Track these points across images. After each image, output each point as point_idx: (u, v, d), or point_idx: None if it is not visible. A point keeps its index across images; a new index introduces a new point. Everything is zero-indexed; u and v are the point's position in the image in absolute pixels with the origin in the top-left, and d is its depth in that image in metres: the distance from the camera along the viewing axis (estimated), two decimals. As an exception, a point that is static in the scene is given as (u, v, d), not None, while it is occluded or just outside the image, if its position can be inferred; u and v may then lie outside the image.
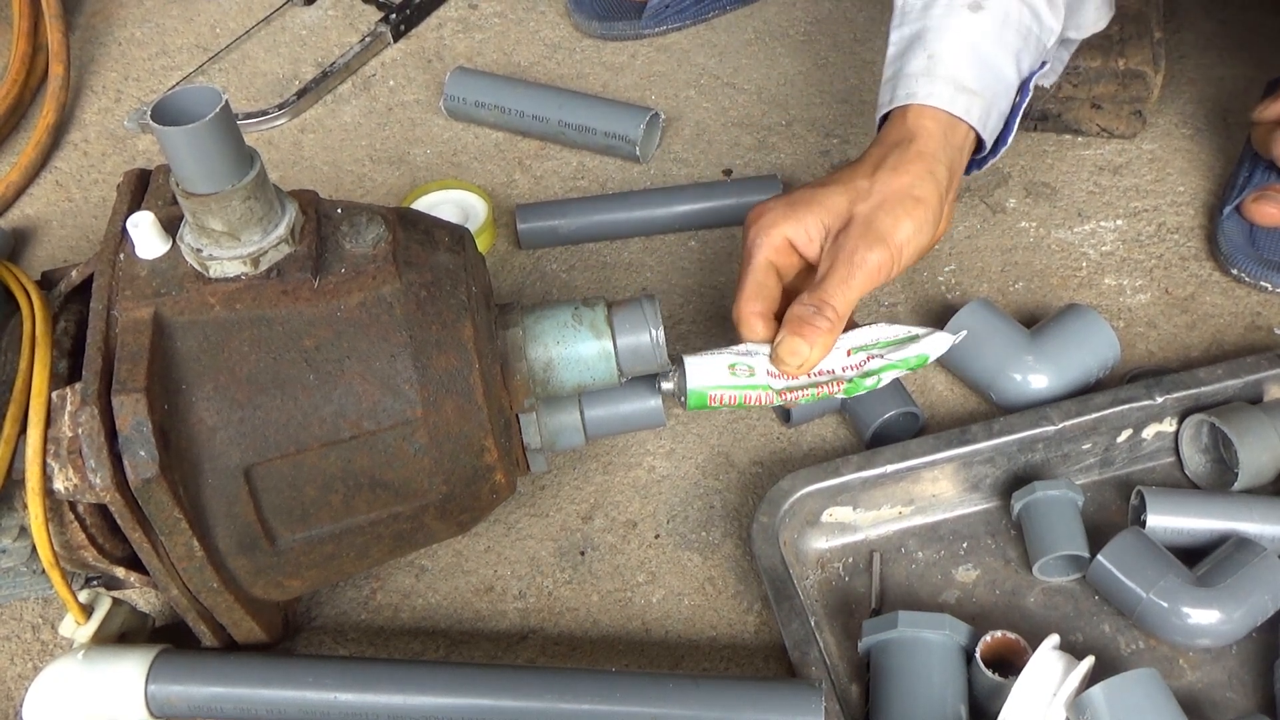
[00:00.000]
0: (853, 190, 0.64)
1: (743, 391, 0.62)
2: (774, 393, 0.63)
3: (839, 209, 0.64)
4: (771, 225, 0.64)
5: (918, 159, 0.64)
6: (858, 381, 0.63)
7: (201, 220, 0.53)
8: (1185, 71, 0.98)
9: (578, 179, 0.95)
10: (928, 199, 0.63)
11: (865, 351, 0.64)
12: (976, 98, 0.66)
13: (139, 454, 0.51)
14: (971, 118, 0.66)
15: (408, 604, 0.70)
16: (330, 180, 0.97)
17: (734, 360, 0.63)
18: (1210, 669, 0.63)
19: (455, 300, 0.57)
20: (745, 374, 0.62)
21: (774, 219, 0.65)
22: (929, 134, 0.65)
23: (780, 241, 0.64)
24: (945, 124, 0.66)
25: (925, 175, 0.64)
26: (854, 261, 0.62)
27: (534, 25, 1.09)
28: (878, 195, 0.63)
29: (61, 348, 0.58)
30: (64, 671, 0.60)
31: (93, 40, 1.11)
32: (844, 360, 0.63)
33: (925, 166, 0.64)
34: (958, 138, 0.66)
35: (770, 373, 0.63)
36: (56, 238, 0.95)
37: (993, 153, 0.71)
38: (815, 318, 0.61)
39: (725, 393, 0.62)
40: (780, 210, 0.65)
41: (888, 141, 0.66)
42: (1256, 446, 0.67)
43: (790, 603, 0.63)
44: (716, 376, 0.62)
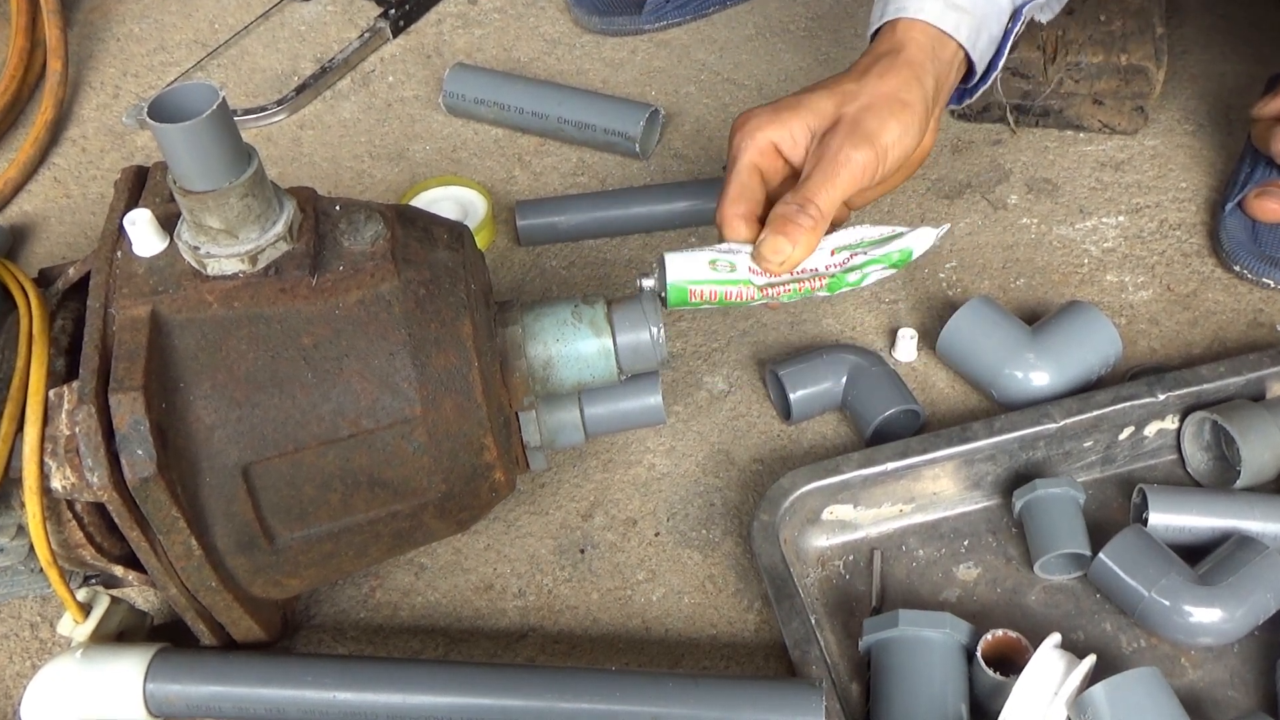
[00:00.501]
0: (839, 93, 0.64)
1: (724, 287, 0.61)
2: (755, 288, 0.62)
3: (825, 111, 0.64)
4: (756, 129, 0.65)
5: (905, 66, 0.65)
6: (840, 277, 0.62)
7: (199, 218, 0.53)
8: (1187, 67, 0.98)
9: (577, 175, 0.95)
10: (913, 104, 0.64)
11: (849, 250, 0.63)
12: (966, 15, 0.67)
13: (136, 453, 0.51)
14: (960, 35, 0.67)
15: (407, 602, 0.70)
16: (329, 177, 0.96)
17: (715, 256, 0.62)
18: (1212, 667, 0.63)
19: (454, 298, 0.57)
20: (726, 269, 0.61)
21: (759, 123, 0.65)
22: (917, 44, 0.66)
23: (765, 144, 0.65)
24: (933, 37, 0.66)
25: (912, 81, 0.64)
26: (838, 160, 0.62)
27: (533, 21, 1.09)
28: (864, 98, 0.64)
29: (59, 345, 0.57)
30: (62, 670, 0.60)
31: (91, 36, 1.11)
32: (827, 260, 0.63)
33: (912, 73, 0.65)
34: (946, 53, 0.67)
35: (752, 269, 0.62)
36: (54, 234, 0.94)
37: (982, 80, 0.72)
38: (799, 215, 0.61)
39: (706, 288, 0.61)
40: (766, 114, 0.65)
41: (876, 51, 0.67)
42: (1259, 444, 0.67)
43: (790, 601, 0.63)
44: (697, 271, 0.61)
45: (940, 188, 0.90)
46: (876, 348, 0.80)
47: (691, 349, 0.81)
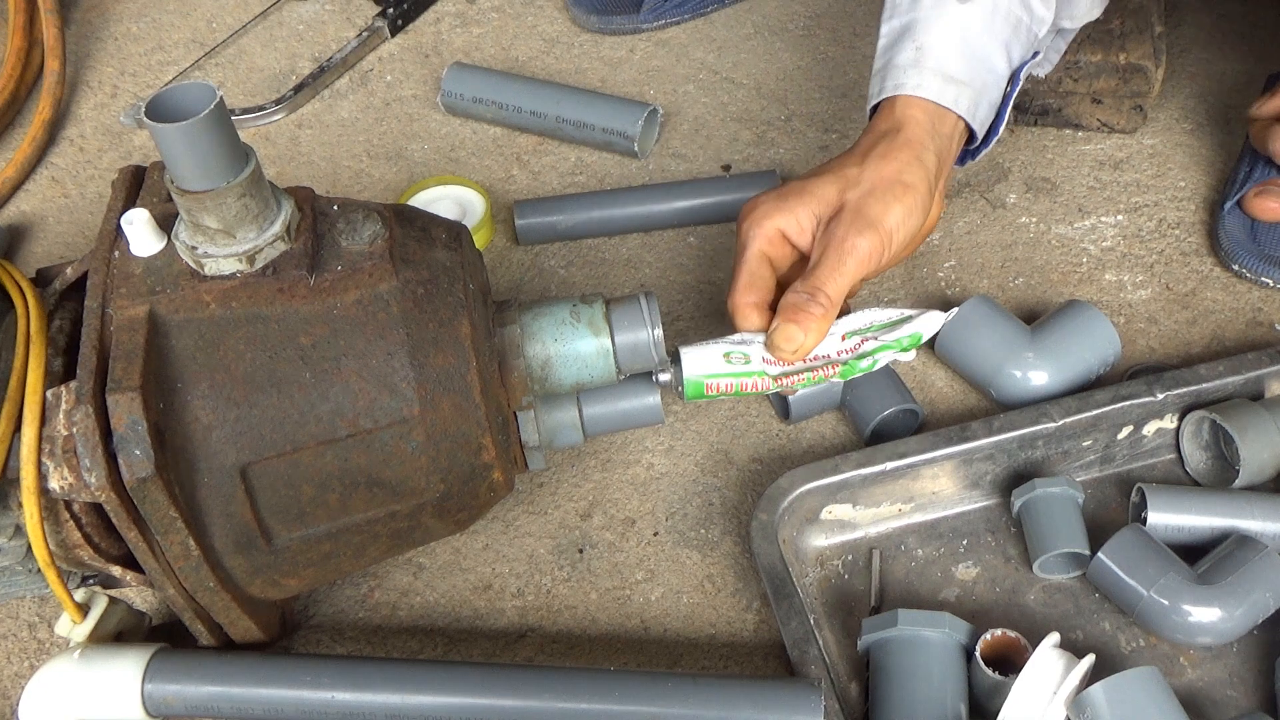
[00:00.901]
0: (842, 179, 0.65)
1: (739, 379, 0.63)
2: (770, 379, 0.63)
3: (829, 198, 0.65)
4: (764, 217, 0.65)
5: (905, 146, 0.65)
6: (853, 364, 0.64)
7: (196, 218, 0.53)
8: (1186, 66, 0.98)
9: (576, 175, 0.94)
10: (916, 185, 0.64)
11: (859, 335, 0.64)
12: (965, 88, 0.67)
13: (134, 453, 0.50)
14: (960, 108, 0.67)
15: (405, 602, 0.70)
16: (327, 176, 0.96)
17: (729, 349, 0.63)
18: (1211, 667, 0.63)
19: (452, 298, 0.57)
20: (741, 361, 0.63)
21: (766, 211, 0.66)
22: (916, 123, 0.66)
23: (773, 233, 0.65)
24: (933, 113, 0.67)
25: (914, 162, 0.65)
26: (845, 248, 0.63)
27: (532, 20, 1.09)
28: (867, 183, 0.64)
29: (56, 346, 0.57)
30: (60, 670, 0.60)
31: (89, 35, 1.11)
32: (838, 345, 0.64)
33: (913, 153, 0.65)
34: (946, 127, 0.67)
35: (766, 359, 0.63)
36: (52, 234, 0.94)
37: (984, 143, 0.72)
38: (809, 304, 0.62)
39: (721, 381, 0.63)
40: (772, 202, 0.66)
41: (876, 131, 0.67)
42: (1257, 443, 0.67)
43: (789, 601, 0.63)
44: (712, 365, 0.63)
45: (939, 187, 0.90)
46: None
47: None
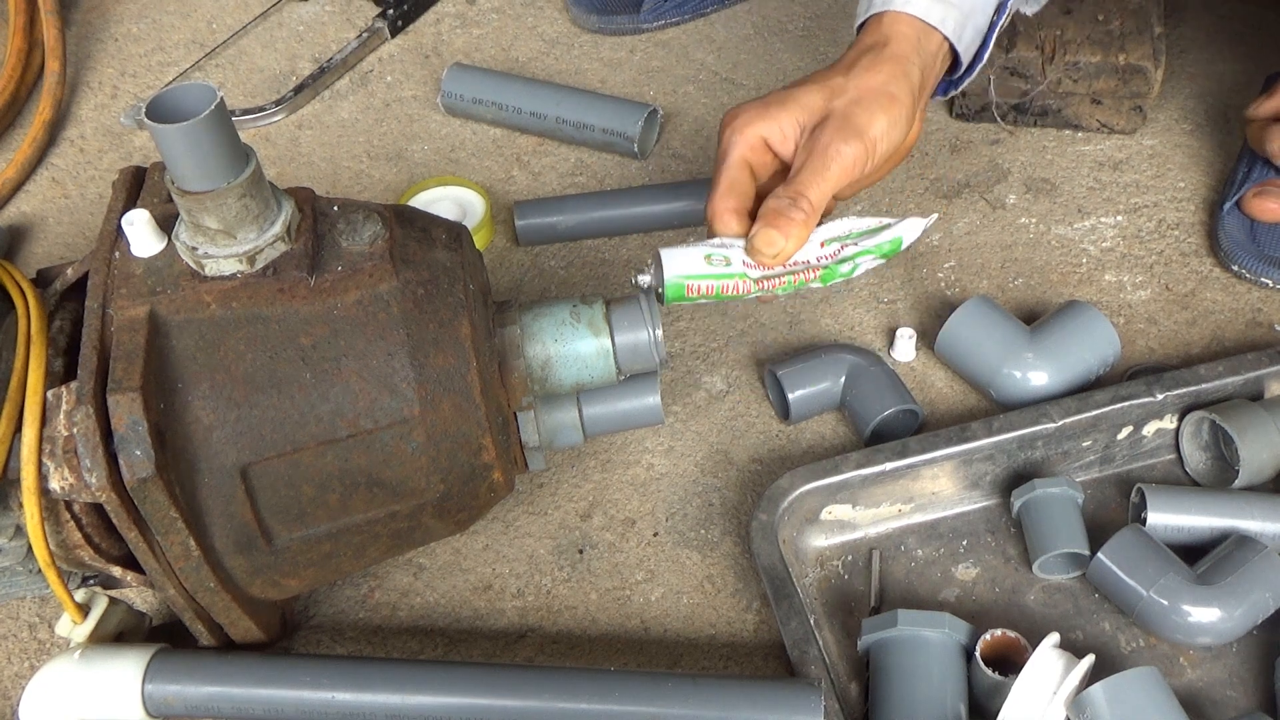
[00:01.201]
0: (828, 88, 0.65)
1: (720, 281, 0.62)
2: (751, 281, 0.62)
3: (814, 106, 0.65)
4: (747, 124, 0.65)
5: (891, 60, 0.66)
6: (833, 268, 0.63)
7: (197, 218, 0.53)
8: (1185, 67, 0.98)
9: (576, 175, 0.94)
10: (901, 97, 0.65)
11: (839, 242, 0.64)
12: (952, 8, 0.67)
13: (134, 453, 0.50)
14: (946, 28, 0.67)
15: (405, 602, 0.70)
16: (327, 177, 0.96)
17: (709, 251, 0.62)
18: (1211, 667, 0.63)
19: (452, 298, 0.57)
20: (722, 264, 0.62)
21: (749, 118, 0.65)
22: (903, 37, 0.66)
23: (755, 139, 0.65)
24: (920, 30, 0.67)
25: (899, 75, 0.65)
26: (829, 154, 0.63)
27: (532, 21, 1.09)
28: (853, 91, 0.64)
29: (57, 346, 0.57)
30: (61, 671, 0.60)
31: (89, 36, 1.11)
32: (818, 251, 0.63)
33: (899, 67, 0.65)
34: (931, 45, 0.68)
35: (746, 263, 0.62)
36: (53, 235, 0.94)
37: (967, 72, 0.72)
38: (790, 209, 0.61)
39: (702, 283, 0.62)
40: (755, 109, 0.65)
41: (862, 44, 0.67)
42: (1257, 444, 0.67)
43: (789, 601, 0.63)
44: (693, 266, 0.62)
45: (938, 187, 0.90)
46: (875, 347, 0.80)
47: (690, 349, 0.81)
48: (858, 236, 0.64)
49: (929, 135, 0.94)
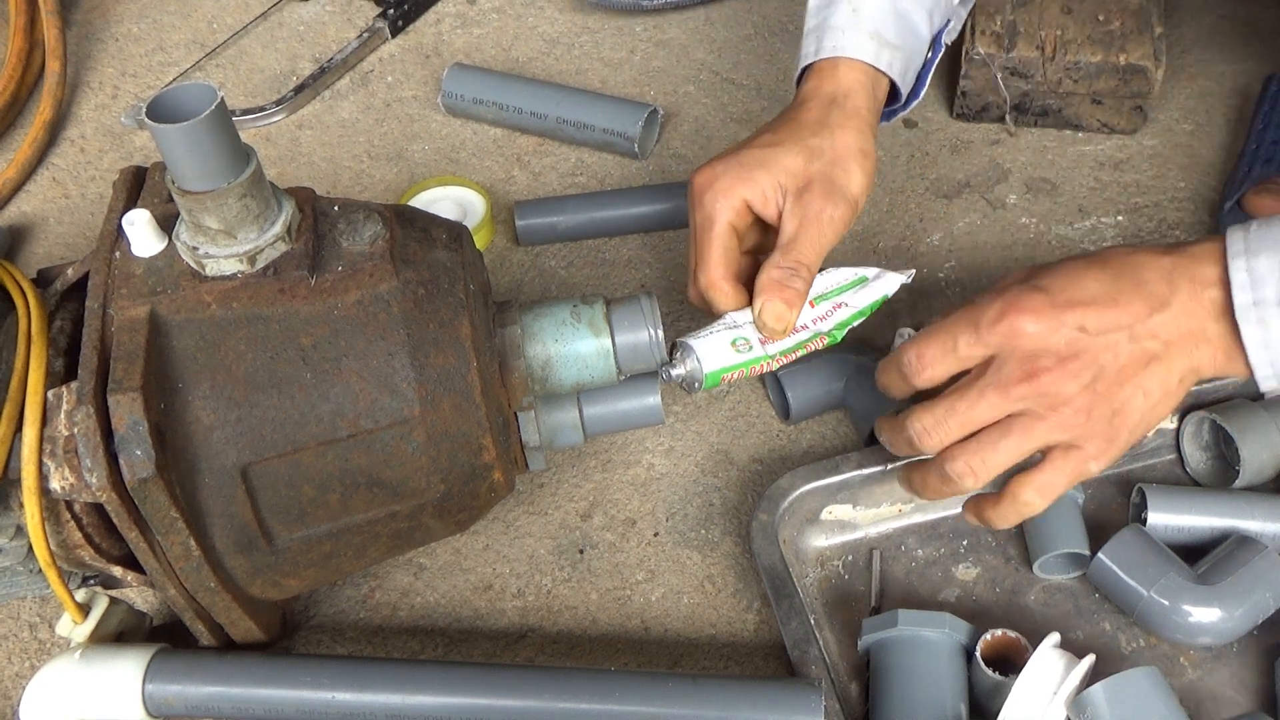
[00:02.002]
0: (806, 149, 0.65)
1: (749, 367, 0.64)
2: (771, 360, 0.64)
3: (795, 169, 0.65)
4: (729, 189, 0.65)
5: (856, 115, 0.67)
6: (834, 334, 0.65)
7: (197, 218, 0.53)
8: (1186, 66, 0.98)
9: (576, 175, 0.94)
10: (870, 152, 0.66)
11: (828, 301, 0.65)
12: (898, 52, 0.69)
13: (135, 453, 0.50)
14: (894, 72, 0.69)
15: (406, 602, 0.70)
16: (328, 177, 0.96)
17: (731, 336, 0.64)
18: (1211, 667, 0.63)
19: (453, 298, 0.57)
20: (745, 348, 0.64)
21: (730, 183, 0.65)
22: (860, 88, 0.68)
23: (739, 204, 0.65)
24: (871, 78, 0.68)
25: (866, 129, 0.67)
26: (822, 220, 0.63)
27: (532, 21, 1.09)
28: (829, 153, 0.65)
29: (57, 346, 0.57)
30: (61, 671, 0.60)
31: (89, 36, 1.11)
32: (810, 313, 0.65)
33: (864, 121, 0.67)
34: (881, 90, 0.69)
35: (761, 340, 0.64)
36: (53, 235, 0.94)
37: (904, 106, 0.74)
38: (792, 279, 0.62)
39: (735, 372, 0.63)
40: (734, 173, 0.65)
41: (821, 97, 0.68)
42: (1258, 444, 0.67)
43: (790, 601, 0.63)
44: (725, 357, 0.63)
45: (939, 187, 0.90)
46: (875, 347, 0.80)
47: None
48: (842, 292, 0.66)
49: (929, 135, 0.94)
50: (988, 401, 0.57)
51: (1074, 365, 0.56)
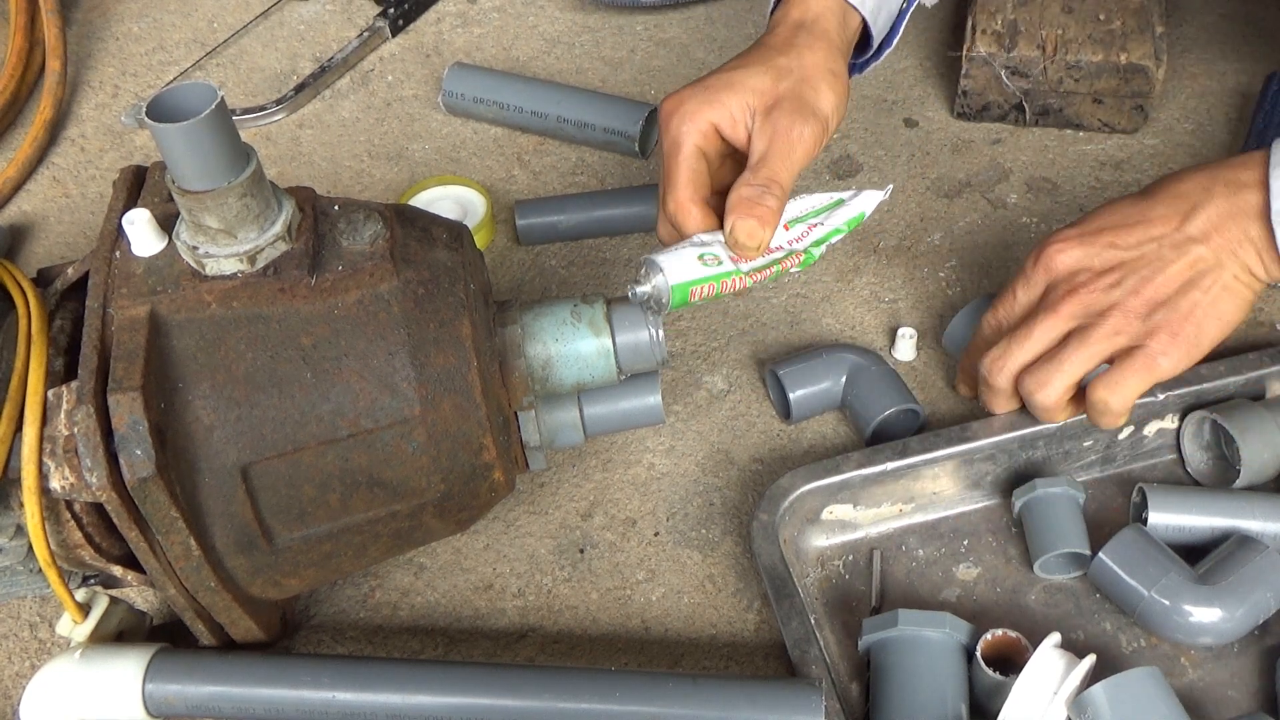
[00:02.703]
0: (773, 69, 0.65)
1: (718, 281, 0.61)
2: (743, 276, 0.62)
3: (763, 89, 0.65)
4: (696, 112, 0.64)
5: (824, 37, 0.67)
6: (810, 252, 0.64)
7: (197, 218, 0.53)
8: (1187, 66, 0.98)
9: (577, 175, 0.94)
10: (840, 73, 0.66)
11: (802, 223, 0.64)
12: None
13: (135, 453, 0.50)
14: (865, 9, 0.69)
15: (406, 602, 0.70)
16: (328, 176, 0.96)
17: (699, 251, 0.62)
18: (1212, 667, 0.63)
19: (453, 298, 0.57)
20: (714, 263, 0.61)
21: (696, 106, 0.64)
22: (829, 14, 0.68)
23: (707, 127, 0.65)
24: (840, 9, 0.68)
25: (835, 51, 0.67)
26: (792, 137, 0.63)
27: (533, 20, 1.09)
28: (798, 71, 0.65)
29: (57, 346, 0.57)
30: (61, 670, 0.60)
31: (90, 35, 1.11)
32: (783, 235, 0.63)
33: (832, 44, 0.67)
34: (851, 24, 0.69)
35: (732, 258, 0.62)
36: (53, 234, 0.94)
37: (875, 55, 0.74)
38: (764, 197, 0.61)
39: (703, 286, 0.61)
40: (701, 97, 0.65)
41: (790, 21, 0.68)
42: (1258, 443, 0.67)
43: (790, 601, 0.63)
44: (691, 271, 0.61)
45: (939, 187, 0.90)
46: (876, 347, 0.80)
47: (691, 348, 0.81)
48: (818, 215, 0.64)
49: (930, 135, 0.94)
50: (1043, 326, 0.64)
51: (1111, 276, 0.62)
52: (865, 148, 0.93)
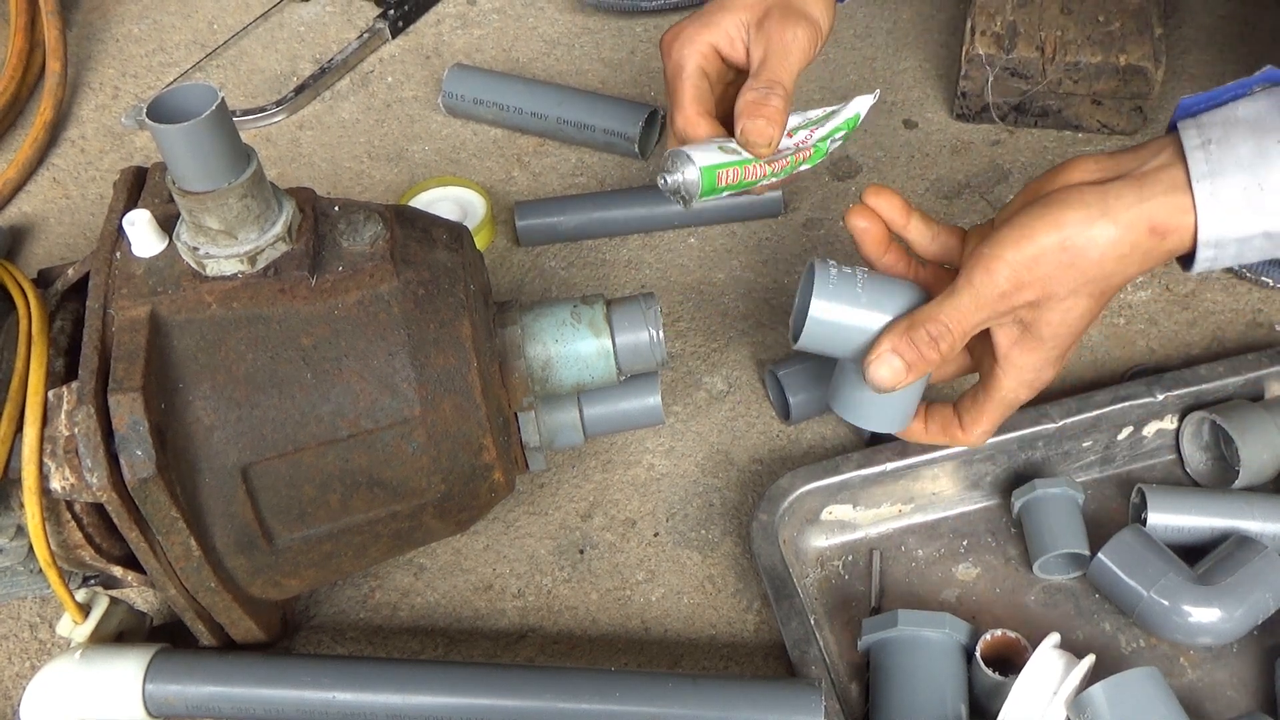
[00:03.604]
0: None
1: (741, 167, 0.63)
2: (763, 164, 0.64)
3: (753, 4, 0.67)
4: (693, 37, 0.67)
5: None
6: (819, 147, 0.67)
7: (198, 218, 0.53)
8: (1186, 67, 0.98)
9: (576, 176, 0.95)
10: None
11: (804, 129, 0.67)
12: None
13: (135, 453, 0.50)
14: None
15: (406, 602, 0.70)
16: (328, 177, 0.96)
17: (719, 144, 0.64)
18: (1211, 667, 0.63)
19: (453, 298, 0.57)
20: (734, 152, 0.64)
21: (695, 31, 0.67)
22: None
23: (706, 49, 0.67)
24: None
25: None
26: (786, 40, 0.65)
27: (532, 21, 1.09)
28: None
29: (58, 346, 0.57)
30: (61, 671, 0.60)
31: (90, 37, 1.11)
32: (789, 141, 0.66)
33: None
34: None
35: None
36: (54, 235, 0.94)
37: None
38: (769, 97, 0.63)
39: (728, 170, 0.63)
40: (697, 22, 0.67)
41: None
42: (1257, 444, 0.67)
43: (790, 601, 0.63)
44: (715, 156, 0.63)
45: (939, 188, 0.90)
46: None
47: (691, 349, 0.81)
48: (815, 123, 0.68)
49: (929, 136, 0.94)
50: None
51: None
52: (864, 149, 0.93)
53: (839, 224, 0.88)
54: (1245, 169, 0.54)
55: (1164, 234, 0.56)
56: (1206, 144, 0.55)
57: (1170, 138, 0.58)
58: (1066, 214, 0.56)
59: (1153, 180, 0.56)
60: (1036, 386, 0.62)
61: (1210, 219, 0.55)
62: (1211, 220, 0.55)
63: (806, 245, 0.87)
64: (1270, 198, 0.54)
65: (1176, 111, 0.58)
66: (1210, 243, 0.56)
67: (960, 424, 0.64)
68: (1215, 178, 0.55)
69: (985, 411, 0.63)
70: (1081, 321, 0.59)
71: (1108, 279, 0.58)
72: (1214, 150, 0.55)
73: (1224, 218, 0.55)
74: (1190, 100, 0.57)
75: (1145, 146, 0.59)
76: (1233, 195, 0.55)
